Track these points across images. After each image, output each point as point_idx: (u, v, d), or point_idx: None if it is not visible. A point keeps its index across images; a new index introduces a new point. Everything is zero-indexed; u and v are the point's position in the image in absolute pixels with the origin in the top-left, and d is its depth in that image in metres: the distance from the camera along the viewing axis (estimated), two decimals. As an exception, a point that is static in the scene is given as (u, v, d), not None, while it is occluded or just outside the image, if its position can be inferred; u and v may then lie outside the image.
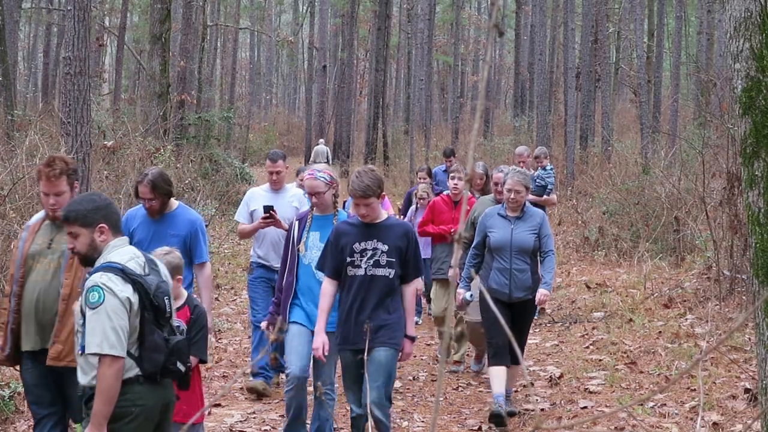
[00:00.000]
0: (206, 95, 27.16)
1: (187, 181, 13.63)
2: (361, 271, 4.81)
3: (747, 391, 5.80)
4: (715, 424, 5.43)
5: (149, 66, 16.05)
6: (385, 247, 4.80)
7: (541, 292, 5.90)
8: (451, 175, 7.89)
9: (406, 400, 6.58)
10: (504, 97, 48.80)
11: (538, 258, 6.03)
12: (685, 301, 8.66)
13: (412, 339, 4.93)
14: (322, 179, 5.17)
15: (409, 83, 31.55)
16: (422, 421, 6.22)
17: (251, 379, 6.65)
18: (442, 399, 6.71)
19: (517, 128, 26.74)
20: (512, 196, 5.94)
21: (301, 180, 8.21)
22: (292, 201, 6.77)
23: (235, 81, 40.66)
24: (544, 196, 9.56)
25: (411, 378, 7.27)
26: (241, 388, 6.99)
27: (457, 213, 7.65)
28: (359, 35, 36.65)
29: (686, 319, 8.07)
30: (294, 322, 5.14)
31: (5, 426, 5.59)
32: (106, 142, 12.10)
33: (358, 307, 4.80)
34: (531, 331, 8.67)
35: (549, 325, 8.95)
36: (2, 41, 15.32)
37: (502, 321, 1.73)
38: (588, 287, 10.22)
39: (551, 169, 9.99)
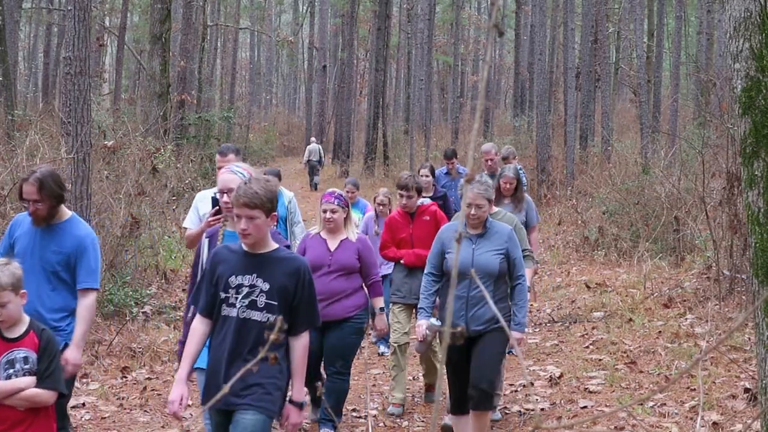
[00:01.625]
0: (206, 95, 27.17)
1: (187, 181, 13.64)
2: (234, 312, 3.80)
3: (747, 390, 5.81)
4: (714, 423, 5.44)
5: (149, 66, 16.05)
6: (266, 286, 3.76)
7: (514, 336, 4.97)
8: (399, 192, 6.81)
9: (406, 400, 6.58)
10: (504, 97, 48.81)
11: (509, 283, 5.14)
12: (684, 300, 8.67)
13: (300, 406, 3.87)
14: (239, 174, 4.37)
15: (409, 83, 31.55)
16: (422, 421, 6.22)
17: None
18: (442, 399, 6.72)
19: (517, 128, 26.74)
20: (473, 211, 5.04)
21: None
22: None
23: (235, 81, 40.67)
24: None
25: (411, 378, 7.28)
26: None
27: (415, 228, 6.69)
28: (359, 35, 36.66)
29: (686, 318, 8.07)
30: (200, 368, 4.19)
31: (6, 426, 5.59)
32: (106, 142, 12.10)
33: (228, 357, 3.79)
34: (531, 331, 8.66)
35: (549, 324, 8.95)
36: (2, 41, 15.32)
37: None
38: (588, 287, 10.22)
39: (521, 170, 9.16)
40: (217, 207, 5.03)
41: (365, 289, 5.86)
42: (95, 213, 8.59)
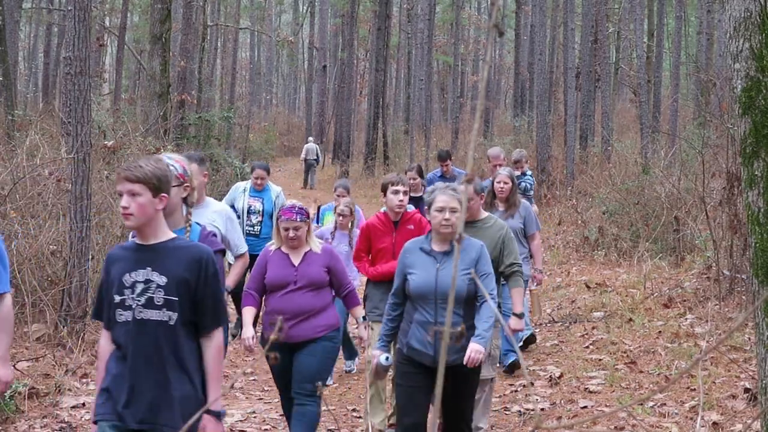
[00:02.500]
0: (206, 95, 27.17)
1: (187, 181, 13.61)
2: (129, 315, 3.31)
3: (747, 390, 5.81)
4: (714, 423, 5.44)
5: (149, 66, 16.05)
6: (163, 279, 3.30)
7: (472, 348, 4.38)
8: (394, 188, 5.94)
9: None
10: (504, 97, 48.81)
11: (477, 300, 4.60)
12: (684, 300, 8.67)
13: (218, 416, 3.41)
14: (172, 167, 3.94)
15: (409, 83, 31.56)
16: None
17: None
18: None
19: (517, 128, 26.75)
20: (446, 215, 4.45)
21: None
22: (214, 220, 5.18)
23: (236, 81, 40.66)
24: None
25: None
26: (241, 388, 7.00)
27: (399, 237, 5.85)
28: (359, 35, 36.65)
29: (686, 318, 8.07)
30: (103, 419, 3.39)
31: (6, 426, 5.60)
32: (106, 142, 12.09)
33: (129, 369, 3.30)
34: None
35: (549, 324, 8.95)
36: (3, 41, 15.32)
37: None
38: (588, 287, 10.22)
39: (530, 176, 8.92)
40: None
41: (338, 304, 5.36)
42: (95, 213, 8.58)
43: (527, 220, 7.12)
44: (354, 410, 6.43)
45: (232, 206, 8.17)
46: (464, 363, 4.37)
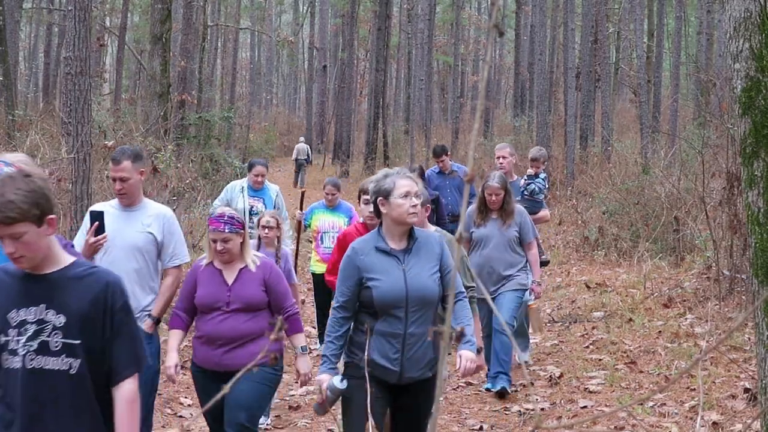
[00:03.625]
0: (207, 95, 27.18)
1: (187, 181, 13.65)
2: (17, 362, 2.67)
3: (746, 390, 5.81)
4: (714, 423, 5.44)
5: (150, 66, 16.05)
6: (61, 320, 2.67)
7: (465, 356, 3.97)
8: (365, 197, 5.26)
9: None
10: (504, 97, 48.81)
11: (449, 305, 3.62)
12: (684, 300, 8.67)
13: None
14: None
15: (410, 83, 31.56)
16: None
17: None
18: (442, 399, 6.72)
19: (517, 128, 26.75)
20: (413, 201, 3.90)
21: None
22: (149, 224, 4.67)
23: (236, 81, 40.68)
24: (539, 213, 7.83)
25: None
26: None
27: None
28: (359, 35, 36.65)
29: (686, 318, 8.08)
30: None
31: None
32: (106, 142, 12.10)
33: (20, 430, 2.67)
34: (532, 331, 8.66)
35: (549, 324, 8.96)
36: (3, 41, 15.33)
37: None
38: (588, 287, 10.22)
39: (545, 179, 7.93)
40: (97, 223, 4.45)
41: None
42: (96, 213, 8.58)
43: (523, 227, 6.64)
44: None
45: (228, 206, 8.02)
46: (459, 374, 3.97)
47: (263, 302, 4.50)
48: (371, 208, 4.73)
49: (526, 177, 7.82)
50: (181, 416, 6.21)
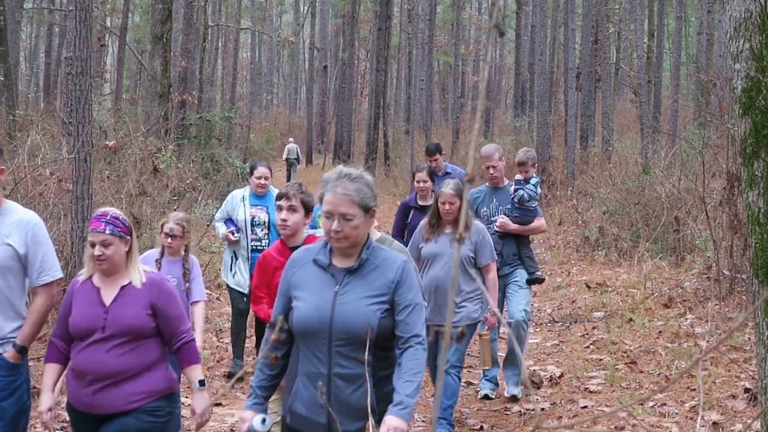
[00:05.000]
0: (207, 95, 27.20)
1: (188, 181, 13.65)
2: None
3: (747, 390, 5.82)
4: (714, 423, 5.45)
5: (150, 66, 16.06)
6: None
7: (390, 424, 2.93)
8: (277, 203, 4.56)
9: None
10: (504, 97, 48.82)
11: (397, 348, 3.14)
12: (685, 300, 8.68)
13: None
14: None
15: (410, 83, 31.56)
16: (422, 421, 6.23)
17: None
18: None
19: (518, 128, 26.76)
20: (334, 225, 3.08)
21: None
22: (9, 234, 3.86)
23: (236, 81, 40.70)
24: (533, 223, 6.62)
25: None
26: (242, 388, 7.01)
27: None
28: (360, 35, 36.68)
29: (686, 318, 8.08)
30: None
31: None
32: (107, 142, 12.11)
33: None
34: (532, 331, 8.66)
35: (549, 324, 8.96)
36: (4, 41, 15.33)
37: None
38: (588, 287, 10.23)
39: (535, 184, 6.65)
40: None
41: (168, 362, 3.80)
42: (96, 213, 8.59)
43: (480, 247, 5.65)
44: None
45: (230, 219, 7.25)
46: None
47: (148, 329, 3.64)
48: (283, 215, 4.41)
49: (514, 183, 6.59)
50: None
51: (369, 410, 2.95)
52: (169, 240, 5.25)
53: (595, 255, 12.07)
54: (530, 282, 6.49)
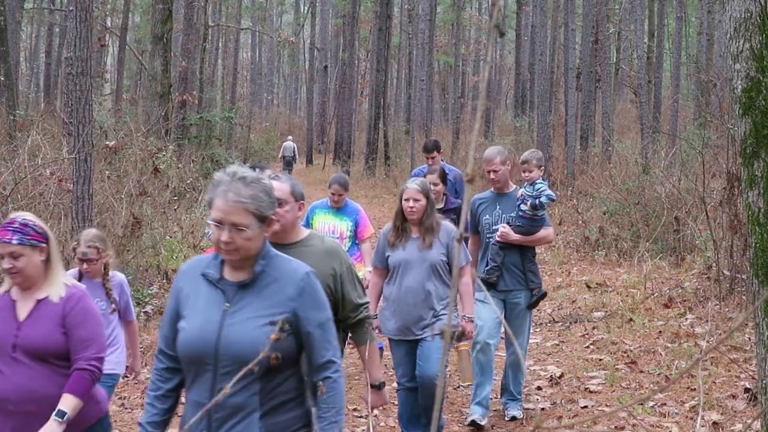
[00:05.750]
0: (208, 95, 27.21)
1: (188, 181, 13.67)
2: None
3: (747, 390, 5.82)
4: (715, 423, 5.45)
5: (151, 66, 16.07)
6: None
7: None
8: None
9: None
10: (505, 97, 48.82)
11: (309, 377, 2.78)
12: (685, 300, 8.68)
13: None
14: None
15: (410, 83, 31.58)
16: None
17: None
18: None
19: (518, 128, 26.77)
20: (223, 237, 2.63)
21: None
22: None
23: (237, 81, 40.69)
24: (539, 233, 5.96)
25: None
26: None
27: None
28: (360, 36, 36.68)
29: (686, 318, 8.09)
30: None
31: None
32: (108, 142, 12.12)
33: None
34: (532, 331, 8.66)
35: (549, 324, 8.97)
36: (4, 41, 15.34)
37: None
38: (588, 287, 10.23)
39: (543, 184, 5.98)
40: None
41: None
42: (97, 213, 8.61)
43: (452, 248, 5.12)
44: (355, 410, 6.45)
45: None
46: None
47: (63, 350, 3.23)
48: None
49: (525, 186, 5.95)
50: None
51: None
52: (85, 265, 4.71)
53: (595, 255, 12.08)
54: (531, 306, 5.96)
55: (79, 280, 4.63)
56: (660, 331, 7.78)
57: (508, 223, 5.86)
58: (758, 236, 3.66)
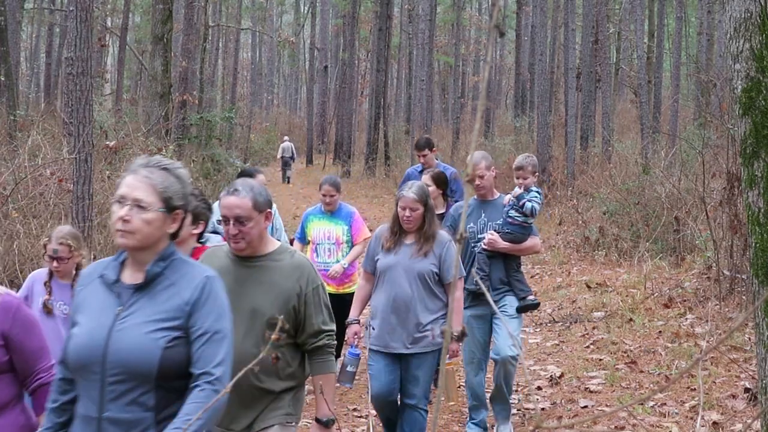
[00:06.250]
0: (208, 95, 27.23)
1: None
2: None
3: (747, 390, 5.83)
4: (715, 423, 5.46)
5: (151, 66, 16.07)
6: None
7: None
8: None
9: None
10: (505, 97, 48.82)
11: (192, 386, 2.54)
12: (685, 300, 8.69)
13: None
14: None
15: (410, 83, 31.58)
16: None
17: None
18: (442, 399, 6.73)
19: (518, 128, 26.77)
20: (118, 224, 2.52)
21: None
22: None
23: (237, 81, 40.70)
24: (526, 242, 5.65)
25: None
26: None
27: None
28: (360, 36, 36.68)
29: (686, 318, 8.09)
30: None
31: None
32: (108, 143, 12.12)
33: None
34: (532, 331, 8.67)
35: (549, 324, 8.97)
36: (5, 41, 15.34)
37: None
38: (588, 287, 10.23)
39: (537, 194, 5.66)
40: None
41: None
42: (97, 213, 8.61)
43: (444, 260, 4.81)
44: (355, 409, 6.45)
45: (215, 232, 6.03)
46: None
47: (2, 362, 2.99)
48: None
49: (515, 192, 5.63)
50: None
51: None
52: (55, 264, 4.45)
53: (596, 255, 12.08)
54: (521, 310, 5.60)
55: (49, 280, 4.49)
56: (660, 331, 7.78)
57: (495, 230, 5.56)
58: (758, 236, 3.66)
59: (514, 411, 6.27)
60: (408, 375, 4.86)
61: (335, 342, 3.42)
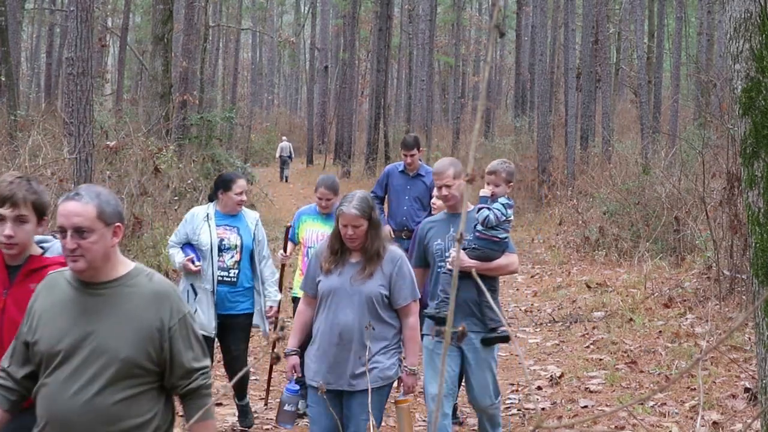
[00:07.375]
0: (208, 95, 27.25)
1: (189, 181, 13.67)
2: None
3: (747, 390, 5.83)
4: (715, 423, 5.46)
5: (151, 66, 16.07)
6: None
7: None
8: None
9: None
10: (505, 97, 48.83)
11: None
12: (685, 300, 8.69)
13: None
14: None
15: (411, 84, 31.58)
16: (423, 421, 6.23)
17: None
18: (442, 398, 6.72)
19: (518, 128, 26.78)
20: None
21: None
22: None
23: (237, 81, 40.72)
24: (498, 260, 4.79)
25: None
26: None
27: (12, 296, 3.64)
28: (360, 36, 36.68)
29: (686, 318, 8.09)
30: None
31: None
32: (108, 143, 12.13)
33: None
34: (532, 331, 8.68)
35: (550, 324, 8.97)
36: (5, 42, 15.35)
37: None
38: (588, 287, 10.24)
39: (504, 205, 4.77)
40: None
41: None
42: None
43: (396, 281, 4.20)
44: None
45: (189, 244, 5.71)
46: None
47: None
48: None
49: (480, 200, 4.82)
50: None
51: None
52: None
53: (596, 255, 12.08)
54: (487, 342, 4.74)
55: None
56: (660, 331, 7.79)
57: (464, 248, 4.73)
58: (758, 236, 3.67)
59: (514, 411, 6.28)
60: (351, 414, 4.16)
61: (211, 381, 2.87)
